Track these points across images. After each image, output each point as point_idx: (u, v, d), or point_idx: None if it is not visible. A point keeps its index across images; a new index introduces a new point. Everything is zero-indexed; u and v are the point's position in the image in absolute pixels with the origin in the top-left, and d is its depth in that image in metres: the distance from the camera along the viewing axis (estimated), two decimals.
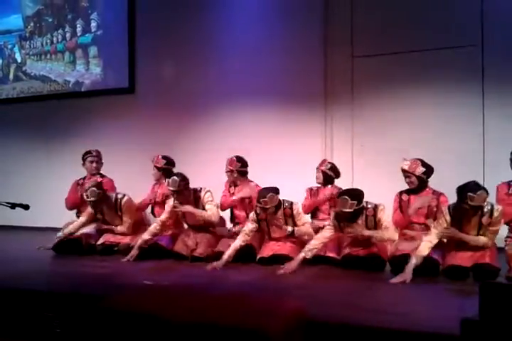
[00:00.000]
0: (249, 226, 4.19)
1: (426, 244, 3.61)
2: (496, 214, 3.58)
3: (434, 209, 3.93)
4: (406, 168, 4.00)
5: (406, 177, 4.03)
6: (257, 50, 5.98)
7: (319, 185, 4.63)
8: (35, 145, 7.27)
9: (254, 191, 4.46)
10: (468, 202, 3.48)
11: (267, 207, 4.04)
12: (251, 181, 4.76)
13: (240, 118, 6.05)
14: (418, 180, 4.00)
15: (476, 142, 5.10)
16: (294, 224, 4.19)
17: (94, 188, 4.61)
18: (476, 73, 5.13)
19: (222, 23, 6.23)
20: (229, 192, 4.80)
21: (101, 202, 4.70)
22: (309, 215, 4.64)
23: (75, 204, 5.18)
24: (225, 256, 4.02)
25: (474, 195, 3.47)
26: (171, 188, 4.33)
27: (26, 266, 4.15)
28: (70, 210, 5.23)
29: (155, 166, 4.98)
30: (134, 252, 4.34)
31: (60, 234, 4.90)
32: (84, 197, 4.69)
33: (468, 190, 3.50)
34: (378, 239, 3.90)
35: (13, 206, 3.52)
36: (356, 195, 3.84)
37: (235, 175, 4.72)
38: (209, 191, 4.52)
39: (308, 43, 5.74)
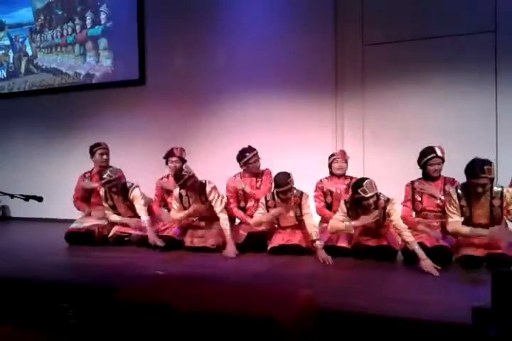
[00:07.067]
0: (258, 212, 4.27)
1: (459, 226, 3.63)
2: (508, 195, 3.55)
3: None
4: (440, 154, 3.94)
5: (436, 164, 3.94)
6: (268, 40, 5.94)
7: (328, 175, 4.56)
8: (46, 138, 7.32)
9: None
10: (486, 175, 3.43)
11: (291, 187, 4.09)
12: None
13: (250, 109, 6.02)
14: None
15: (489, 132, 5.04)
16: (300, 213, 4.19)
17: (113, 168, 4.75)
18: (490, 60, 5.04)
19: (232, 13, 6.19)
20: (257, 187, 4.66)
21: (116, 185, 4.73)
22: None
23: (84, 204, 5.16)
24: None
25: (490, 167, 3.46)
26: (178, 182, 4.34)
27: (40, 258, 4.21)
28: (79, 210, 5.19)
29: (179, 157, 4.89)
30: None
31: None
32: (104, 176, 4.71)
33: (482, 164, 3.46)
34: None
35: (27, 198, 3.55)
36: (373, 182, 3.83)
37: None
38: (214, 188, 4.46)
39: (318, 32, 5.67)
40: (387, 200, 3.86)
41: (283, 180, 4.07)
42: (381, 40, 5.45)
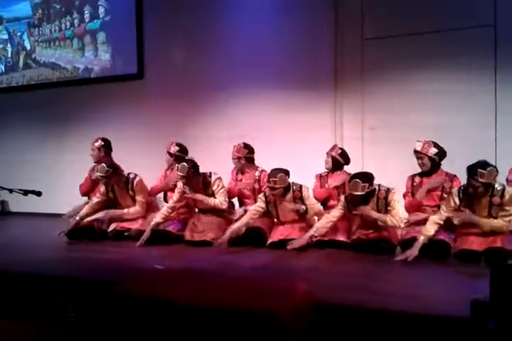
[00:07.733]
0: (257, 205, 4.28)
1: (432, 224, 3.63)
2: (507, 195, 3.54)
3: (448, 190, 3.89)
4: (418, 148, 3.97)
5: (418, 158, 4.00)
6: (267, 35, 5.91)
7: (328, 171, 4.61)
8: (45, 132, 7.31)
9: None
10: (478, 178, 3.46)
11: (276, 186, 4.09)
12: (258, 167, 4.78)
13: (248, 104, 6.01)
14: (430, 162, 3.97)
15: (488, 128, 5.02)
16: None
17: (104, 165, 4.72)
18: (489, 55, 5.02)
19: (231, 8, 6.16)
20: (236, 179, 4.83)
21: (111, 179, 4.75)
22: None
23: (86, 191, 5.24)
24: (228, 233, 4.15)
25: (484, 172, 3.45)
26: (180, 174, 4.38)
27: (40, 252, 4.21)
28: (82, 196, 5.29)
29: (168, 152, 5.05)
30: (146, 235, 4.39)
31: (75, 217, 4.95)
32: (95, 172, 4.79)
33: (478, 166, 3.48)
34: (382, 223, 3.88)
35: (25, 193, 3.55)
36: (367, 177, 3.84)
37: (243, 162, 4.75)
38: (219, 178, 4.56)
39: (318, 26, 5.65)
40: (388, 190, 3.90)
41: (273, 172, 4.14)
42: (381, 34, 5.43)
